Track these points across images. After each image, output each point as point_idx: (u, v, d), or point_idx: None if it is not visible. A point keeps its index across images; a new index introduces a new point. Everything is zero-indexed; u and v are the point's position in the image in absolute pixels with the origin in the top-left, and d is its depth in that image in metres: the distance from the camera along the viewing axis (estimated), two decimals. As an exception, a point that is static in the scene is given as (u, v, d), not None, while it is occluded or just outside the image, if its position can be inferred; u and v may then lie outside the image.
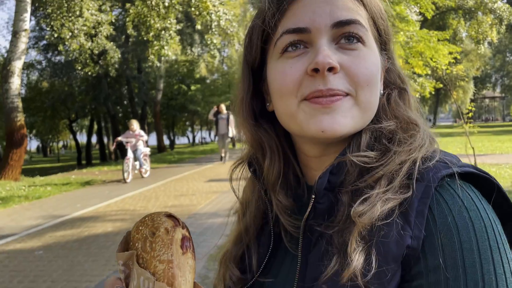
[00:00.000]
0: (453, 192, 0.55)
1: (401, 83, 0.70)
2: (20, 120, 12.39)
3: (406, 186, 0.57)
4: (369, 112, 0.63)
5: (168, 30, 14.25)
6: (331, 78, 0.59)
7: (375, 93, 0.63)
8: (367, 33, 0.62)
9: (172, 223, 0.58)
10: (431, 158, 0.59)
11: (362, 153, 0.61)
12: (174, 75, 33.59)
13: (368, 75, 0.61)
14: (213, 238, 5.23)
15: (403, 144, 0.61)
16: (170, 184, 10.48)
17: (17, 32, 12.26)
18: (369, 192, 0.57)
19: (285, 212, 0.69)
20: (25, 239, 5.79)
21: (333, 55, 0.59)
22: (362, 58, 0.61)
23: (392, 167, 0.59)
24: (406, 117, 0.66)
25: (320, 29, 0.60)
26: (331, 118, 0.59)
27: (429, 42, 13.39)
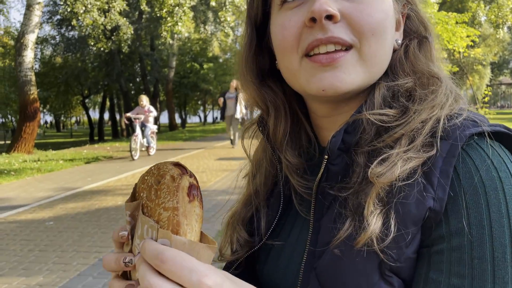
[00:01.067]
0: (481, 151, 0.51)
1: (424, 31, 0.64)
2: (33, 94, 12.48)
3: (429, 144, 0.52)
4: (376, 66, 0.58)
5: (182, 6, 14.10)
6: (331, 27, 0.54)
7: (383, 44, 0.57)
8: None
9: (179, 171, 0.54)
10: (458, 116, 0.54)
11: (380, 111, 0.56)
12: (186, 53, 33.47)
13: (373, 23, 0.55)
14: (222, 215, 5.26)
15: (423, 101, 0.56)
16: (180, 161, 10.48)
17: (31, 5, 12.24)
18: (388, 151, 0.53)
19: (295, 172, 0.66)
20: (36, 210, 5.88)
21: (333, 2, 0.54)
22: (366, 4, 0.55)
23: (414, 125, 0.54)
24: (426, 71, 0.60)
25: None
26: (331, 75, 0.55)
27: (447, 25, 13.08)
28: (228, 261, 0.72)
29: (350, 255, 0.52)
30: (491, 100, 47.50)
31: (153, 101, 30.09)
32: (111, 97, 33.60)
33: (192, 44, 33.06)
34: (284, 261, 0.65)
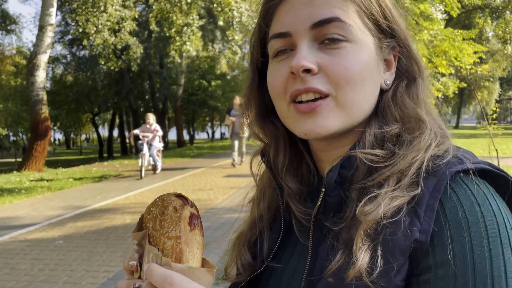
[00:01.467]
0: (466, 188, 0.55)
1: (416, 70, 0.68)
2: (44, 113, 12.69)
3: (415, 183, 0.57)
4: (355, 111, 0.63)
5: (190, 26, 14.35)
6: (310, 79, 0.60)
7: (360, 91, 0.62)
8: (351, 28, 0.61)
9: (180, 202, 0.60)
10: (443, 155, 0.59)
11: (371, 151, 0.61)
12: (195, 71, 33.82)
13: (348, 74, 0.60)
14: (229, 233, 5.28)
15: (409, 146, 0.61)
16: (188, 178, 10.59)
17: (43, 27, 12.54)
18: (377, 191, 0.57)
19: (295, 199, 0.71)
20: (46, 228, 5.94)
21: (313, 56, 0.60)
22: (343, 56, 0.60)
23: (400, 167, 0.58)
24: (413, 115, 0.64)
25: (300, 32, 0.61)
26: (311, 122, 0.62)
27: (454, 41, 13.11)
28: (232, 283, 0.76)
29: (342, 285, 0.57)
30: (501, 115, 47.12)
31: (162, 118, 30.36)
32: (121, 114, 33.94)
33: (201, 62, 33.45)
34: (284, 285, 0.69)
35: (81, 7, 15.05)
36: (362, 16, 0.62)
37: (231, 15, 13.83)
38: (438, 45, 13.58)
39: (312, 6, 0.61)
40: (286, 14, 0.63)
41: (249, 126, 0.77)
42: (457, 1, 13.27)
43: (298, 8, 0.62)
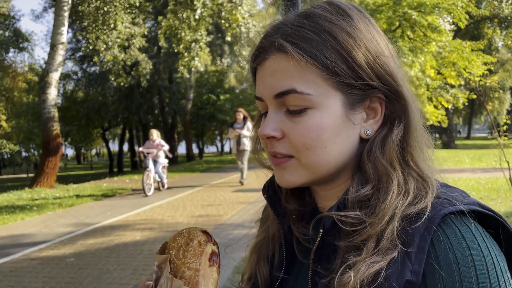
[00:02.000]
0: (456, 229, 0.57)
1: (407, 113, 0.65)
2: (56, 129, 12.86)
3: (393, 246, 0.58)
4: (319, 169, 0.65)
5: (199, 42, 14.52)
6: (275, 143, 0.66)
7: (320, 153, 0.63)
8: (310, 97, 0.62)
9: (205, 237, 0.66)
10: (419, 214, 0.58)
11: (346, 213, 0.62)
12: (204, 85, 34.10)
13: (306, 141, 0.63)
14: (238, 250, 5.26)
15: (374, 212, 0.61)
16: (197, 193, 10.60)
17: (55, 45, 12.78)
18: (353, 258, 0.59)
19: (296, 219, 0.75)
20: (57, 246, 5.98)
21: (276, 124, 0.65)
22: (302, 124, 0.63)
23: (374, 231, 0.59)
24: (383, 172, 0.63)
25: (267, 100, 0.66)
26: (280, 176, 0.68)
27: (462, 52, 13.09)
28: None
29: None
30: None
31: (171, 132, 30.54)
32: (130, 129, 34.25)
33: (209, 76, 33.74)
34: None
35: (92, 25, 15.32)
36: (325, 79, 0.62)
37: (239, 30, 13.99)
38: (446, 57, 13.57)
39: (273, 77, 0.64)
40: (259, 81, 0.67)
41: (258, 158, 0.79)
42: (465, 12, 13.30)
43: (265, 78, 0.66)
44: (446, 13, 12.71)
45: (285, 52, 0.62)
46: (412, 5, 12.15)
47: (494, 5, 26.04)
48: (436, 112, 13.69)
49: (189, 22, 14.20)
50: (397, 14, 12.35)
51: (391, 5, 12.26)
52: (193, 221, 7.07)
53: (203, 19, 14.13)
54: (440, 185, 0.65)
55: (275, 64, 0.64)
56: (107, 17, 14.92)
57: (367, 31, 0.64)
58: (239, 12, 13.86)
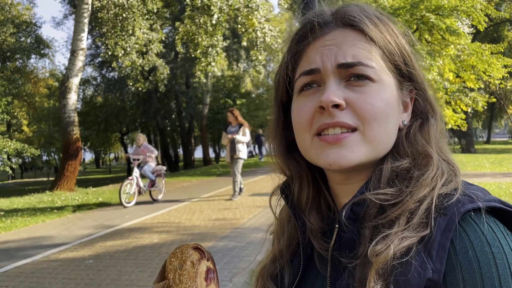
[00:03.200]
0: (476, 226, 0.56)
1: (431, 111, 0.71)
2: (76, 134, 13.11)
3: (424, 223, 0.58)
4: (379, 145, 0.65)
5: (215, 47, 14.65)
6: (338, 113, 0.64)
7: (385, 127, 0.65)
8: (375, 71, 0.65)
9: (198, 255, 0.64)
10: (452, 194, 0.60)
11: (380, 191, 0.63)
12: (220, 90, 34.32)
13: (374, 110, 0.64)
14: (255, 253, 5.27)
15: (415, 182, 0.62)
16: (214, 197, 10.66)
17: (75, 51, 13.05)
18: (387, 231, 0.59)
19: (316, 234, 0.73)
20: (77, 248, 6.09)
21: (340, 92, 0.64)
22: (369, 94, 0.64)
23: (410, 205, 0.60)
24: (422, 151, 0.66)
25: (328, 70, 0.65)
26: (336, 153, 0.64)
27: (482, 55, 12.90)
28: None
29: None
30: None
31: (188, 136, 30.80)
32: (148, 133, 34.64)
33: (226, 81, 33.95)
34: None
35: (111, 31, 15.61)
36: (385, 60, 0.67)
37: (255, 35, 14.06)
38: (465, 60, 13.38)
39: (339, 47, 0.65)
40: (315, 53, 0.67)
41: (275, 161, 0.80)
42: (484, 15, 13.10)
43: (327, 48, 0.66)
44: (465, 15, 12.55)
45: (352, 27, 0.67)
46: (430, 8, 12.03)
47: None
48: (455, 116, 13.50)
49: (206, 27, 14.34)
50: (415, 18, 12.25)
51: (408, 8, 12.16)
52: (210, 225, 7.12)
53: (219, 24, 14.26)
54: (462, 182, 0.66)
55: (340, 37, 0.66)
56: (125, 24, 15.19)
57: (402, 35, 0.72)
58: (255, 17, 13.94)
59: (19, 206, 10.15)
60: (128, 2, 14.93)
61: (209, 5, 13.62)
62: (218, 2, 13.65)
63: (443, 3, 11.90)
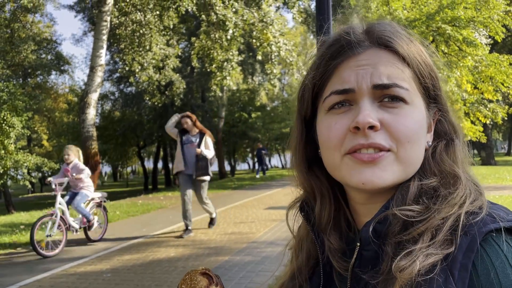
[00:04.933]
0: (498, 248, 0.55)
1: (453, 132, 0.72)
2: (94, 148, 13.31)
3: (449, 241, 0.58)
4: (410, 167, 0.66)
5: (230, 61, 14.80)
6: (373, 134, 0.64)
7: (416, 149, 0.66)
8: (408, 92, 0.65)
9: (206, 282, 0.66)
10: (477, 212, 0.60)
11: (406, 207, 0.63)
12: (235, 103, 34.53)
13: (408, 132, 0.64)
14: (271, 267, 5.25)
15: (445, 200, 0.62)
16: (230, 210, 10.66)
17: (94, 67, 13.34)
18: (411, 246, 0.59)
19: (336, 254, 0.73)
20: (95, 261, 6.14)
21: (375, 113, 0.64)
22: (403, 116, 0.64)
23: (435, 222, 0.60)
24: (450, 171, 0.67)
25: (363, 90, 0.65)
26: (371, 172, 0.64)
27: (500, 66, 12.73)
28: None
29: None
30: (557, 140, 44.36)
31: (204, 150, 30.95)
32: (165, 147, 34.94)
33: (241, 94, 34.17)
34: None
35: (128, 47, 15.93)
36: (416, 81, 0.68)
37: (270, 49, 14.17)
38: (483, 71, 13.22)
39: (374, 68, 0.66)
40: (350, 72, 0.67)
41: (298, 178, 0.79)
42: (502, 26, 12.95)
43: (362, 68, 0.66)
44: (482, 26, 12.44)
45: (386, 48, 0.67)
46: (446, 19, 11.98)
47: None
48: (474, 128, 13.30)
49: (221, 42, 14.52)
50: (431, 29, 12.20)
51: (424, 20, 12.13)
52: (226, 238, 7.11)
53: (234, 39, 14.42)
54: None
55: (374, 58, 0.66)
56: (143, 39, 15.48)
57: (428, 52, 0.73)
58: (270, 31, 14.07)
59: (39, 220, 10.29)
60: (145, 19, 15.25)
61: (224, 20, 13.81)
62: (233, 18, 13.84)
63: (459, 15, 11.83)
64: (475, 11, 12.15)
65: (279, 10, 21.86)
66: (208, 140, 7.49)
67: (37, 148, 35.22)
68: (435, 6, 12.48)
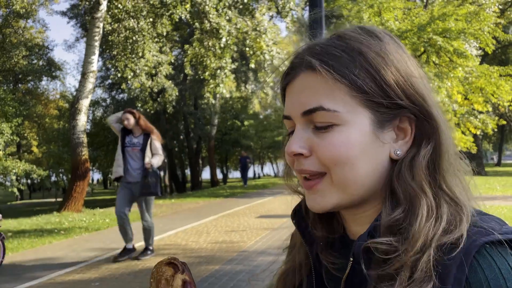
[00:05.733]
0: (491, 260, 0.55)
1: (437, 135, 0.64)
2: (84, 155, 13.19)
3: (429, 277, 0.56)
4: (351, 188, 0.63)
5: (224, 69, 14.82)
6: (303, 161, 0.65)
7: (349, 170, 0.62)
8: (337, 114, 0.62)
9: (171, 271, 0.64)
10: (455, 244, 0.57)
11: (382, 240, 0.60)
12: (228, 111, 34.56)
13: (332, 156, 0.62)
14: (262, 277, 5.19)
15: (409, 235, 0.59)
16: (221, 219, 10.59)
17: (86, 73, 13.26)
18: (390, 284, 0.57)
19: (325, 249, 0.73)
20: (83, 270, 6.04)
21: (304, 141, 0.65)
22: (329, 140, 0.63)
23: (412, 254, 0.57)
24: (414, 194, 0.62)
25: (295, 117, 0.67)
26: (312, 198, 0.67)
27: (490, 78, 12.89)
28: None
29: None
30: (545, 151, 44.86)
31: (196, 157, 30.88)
32: (156, 154, 34.80)
33: (234, 102, 34.22)
34: None
35: (121, 54, 15.88)
36: (353, 96, 0.62)
37: (263, 58, 14.22)
38: (473, 82, 13.38)
39: (302, 94, 0.65)
40: (288, 100, 0.69)
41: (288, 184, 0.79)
42: (492, 37, 13.15)
43: (293, 95, 0.67)
44: (473, 38, 12.61)
45: (313, 70, 0.64)
46: (437, 31, 12.12)
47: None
48: (464, 138, 13.42)
49: (215, 50, 14.55)
50: (422, 40, 12.33)
51: (415, 31, 12.26)
52: (217, 247, 7.04)
53: (228, 47, 14.46)
54: (475, 212, 0.62)
55: (304, 82, 0.65)
56: (135, 46, 15.44)
57: (396, 52, 0.65)
58: (263, 40, 14.13)
59: (27, 227, 10.14)
60: (138, 26, 15.23)
61: (218, 28, 13.85)
62: (227, 26, 13.88)
63: (450, 26, 11.98)
64: (466, 23, 12.31)
65: (273, 19, 21.98)
66: (155, 143, 6.31)
67: (27, 154, 34.85)
68: (427, 18, 12.63)
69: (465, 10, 12.43)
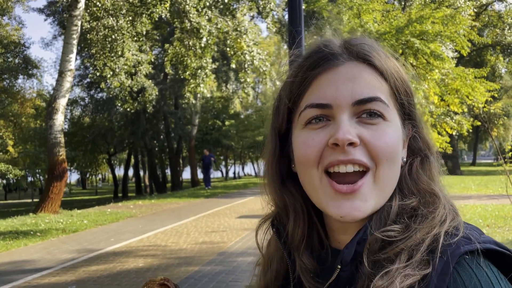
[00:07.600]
0: (471, 271, 0.55)
1: (427, 149, 0.70)
2: (62, 155, 12.94)
3: (426, 261, 0.57)
4: (388, 188, 0.64)
5: (204, 69, 14.75)
6: (352, 150, 0.62)
7: (394, 167, 0.64)
8: (387, 108, 0.64)
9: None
10: (455, 233, 0.59)
11: (387, 228, 0.61)
12: (209, 111, 34.44)
13: (387, 149, 0.62)
14: (242, 277, 5.20)
15: (424, 219, 0.61)
16: (202, 219, 10.54)
17: (63, 72, 13.02)
18: (389, 266, 0.57)
19: (308, 274, 0.70)
20: (60, 272, 5.94)
21: (353, 130, 0.62)
22: (382, 132, 0.63)
23: (413, 241, 0.59)
24: (428, 189, 0.65)
25: (342, 106, 0.63)
26: (350, 204, 0.62)
27: (466, 80, 13.16)
28: None
29: None
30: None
31: (176, 157, 30.64)
32: (136, 154, 34.41)
33: (215, 102, 34.12)
34: None
35: (100, 52, 15.63)
36: (393, 97, 0.67)
37: (244, 58, 14.22)
38: (449, 84, 13.63)
39: (354, 83, 0.63)
40: (328, 87, 0.64)
41: (269, 194, 0.76)
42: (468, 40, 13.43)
43: (341, 83, 0.64)
44: (449, 41, 12.87)
45: (365, 62, 0.65)
46: (414, 33, 12.33)
47: (496, 32, 26.35)
48: (440, 139, 13.68)
49: (195, 49, 14.47)
50: (400, 42, 12.52)
51: (393, 33, 12.45)
52: (197, 248, 7.01)
53: (208, 46, 14.40)
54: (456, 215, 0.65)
55: (354, 71, 0.64)
56: (115, 45, 15.23)
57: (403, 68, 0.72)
58: (244, 40, 14.13)
59: (1, 229, 9.90)
60: (117, 24, 15.02)
61: (198, 28, 13.77)
62: (207, 26, 13.83)
63: (427, 29, 12.21)
64: (443, 25, 12.57)
65: (253, 19, 22.01)
66: None
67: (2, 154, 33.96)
68: (405, 20, 12.85)
69: (441, 13, 12.68)
